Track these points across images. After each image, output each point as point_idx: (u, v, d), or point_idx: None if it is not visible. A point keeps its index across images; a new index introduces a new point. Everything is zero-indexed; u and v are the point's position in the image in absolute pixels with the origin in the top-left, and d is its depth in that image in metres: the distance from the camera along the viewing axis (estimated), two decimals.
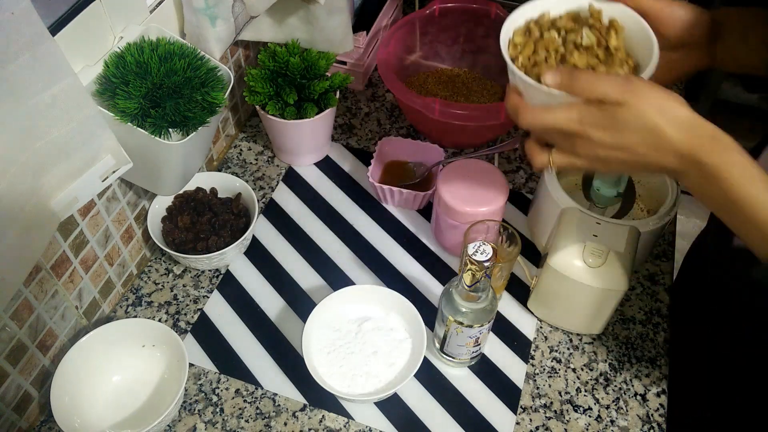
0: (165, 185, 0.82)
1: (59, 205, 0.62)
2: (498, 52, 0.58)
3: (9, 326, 0.67)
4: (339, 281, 0.88)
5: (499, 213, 0.85)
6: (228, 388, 0.79)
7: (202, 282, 0.88)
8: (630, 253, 0.73)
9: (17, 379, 0.71)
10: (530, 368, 0.81)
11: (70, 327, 0.78)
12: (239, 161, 1.03)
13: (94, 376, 0.76)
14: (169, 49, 0.72)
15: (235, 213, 0.89)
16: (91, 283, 0.80)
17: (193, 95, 0.72)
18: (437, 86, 1.11)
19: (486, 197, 0.83)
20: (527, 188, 1.00)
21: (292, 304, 0.86)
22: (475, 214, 0.82)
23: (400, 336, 0.79)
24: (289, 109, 0.91)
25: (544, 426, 0.76)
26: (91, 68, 0.69)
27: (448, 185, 0.84)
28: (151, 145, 0.70)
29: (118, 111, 0.68)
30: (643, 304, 0.87)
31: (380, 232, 0.94)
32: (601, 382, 0.80)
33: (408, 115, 1.02)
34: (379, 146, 0.97)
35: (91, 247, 0.77)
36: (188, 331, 0.84)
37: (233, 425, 0.76)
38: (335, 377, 0.76)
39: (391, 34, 1.03)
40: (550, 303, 0.81)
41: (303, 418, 0.76)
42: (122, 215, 0.82)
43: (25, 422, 0.74)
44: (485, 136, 1.01)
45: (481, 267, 0.65)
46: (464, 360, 0.79)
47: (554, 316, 0.83)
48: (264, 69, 0.92)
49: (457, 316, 0.71)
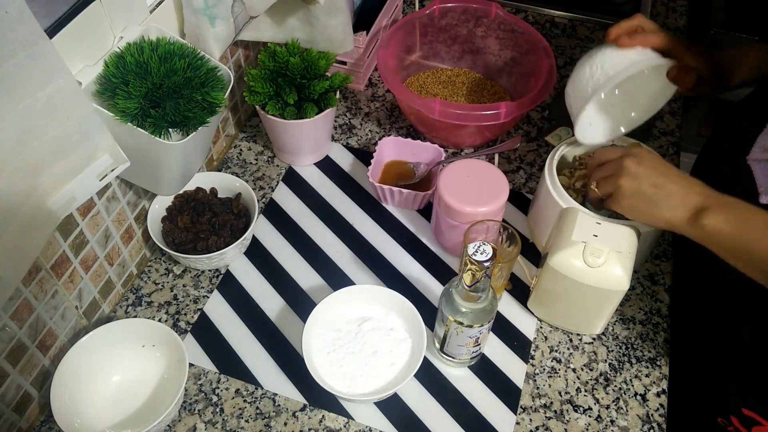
0: (165, 185, 0.82)
1: (57, 204, 0.62)
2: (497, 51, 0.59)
3: (9, 326, 0.67)
4: (339, 281, 0.88)
5: (499, 213, 0.85)
6: (228, 388, 0.79)
7: (202, 282, 0.88)
8: (630, 253, 0.73)
9: (17, 379, 0.71)
10: (530, 368, 0.81)
11: (70, 327, 0.78)
12: (239, 161, 1.03)
13: (94, 376, 0.76)
14: (169, 49, 0.72)
15: (235, 213, 0.89)
16: (91, 283, 0.80)
17: (193, 95, 0.72)
18: (437, 86, 1.11)
19: (486, 197, 0.83)
20: (527, 188, 1.00)
21: (292, 304, 0.86)
22: (475, 214, 0.82)
23: (400, 336, 0.79)
24: (289, 109, 0.91)
25: (544, 426, 0.76)
26: (91, 68, 0.69)
27: (448, 185, 0.84)
28: (151, 145, 0.70)
29: (118, 111, 0.68)
30: (643, 304, 0.87)
31: (380, 232, 0.94)
32: (601, 382, 0.80)
33: (408, 115, 1.02)
34: (379, 146, 0.97)
35: (91, 247, 0.77)
36: (188, 331, 0.84)
37: (233, 425, 0.76)
38: (335, 377, 0.76)
39: (391, 34, 1.03)
40: (550, 303, 0.81)
41: (303, 418, 0.76)
42: (122, 215, 0.82)
43: (25, 422, 0.74)
44: (485, 136, 1.01)
45: (481, 267, 0.65)
46: (464, 360, 0.79)
47: (554, 316, 0.83)
48: (264, 69, 0.92)
49: (457, 316, 0.71)
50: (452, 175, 0.85)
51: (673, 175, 0.68)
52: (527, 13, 1.29)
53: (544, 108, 1.12)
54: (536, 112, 1.11)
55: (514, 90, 1.09)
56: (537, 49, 1.01)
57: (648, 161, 0.69)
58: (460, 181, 0.84)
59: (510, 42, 1.07)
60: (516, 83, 1.08)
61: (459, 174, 0.85)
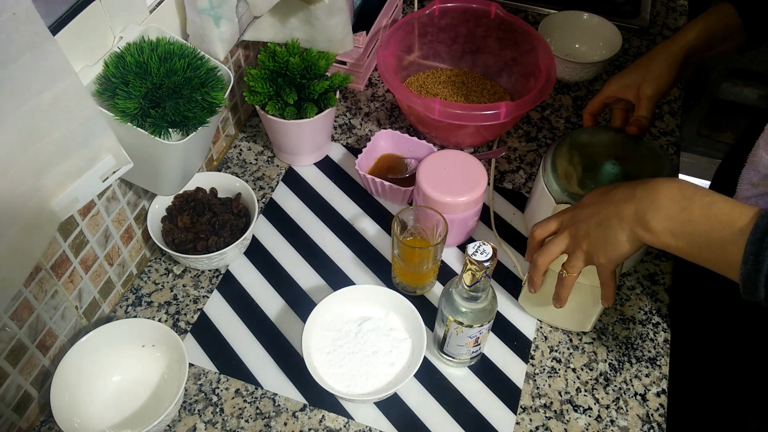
0: (165, 185, 0.82)
1: (60, 205, 0.62)
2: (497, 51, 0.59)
3: (9, 326, 0.67)
4: (339, 281, 0.88)
5: (479, 202, 0.86)
6: (228, 388, 0.79)
7: (202, 282, 0.88)
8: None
9: (17, 379, 0.71)
10: (530, 368, 0.81)
11: (70, 327, 0.78)
12: (239, 161, 1.03)
13: (94, 376, 0.76)
14: (168, 49, 0.72)
15: (235, 213, 0.89)
16: (91, 283, 0.80)
17: (193, 95, 0.72)
18: (437, 86, 1.11)
19: (465, 187, 0.84)
20: (527, 188, 1.00)
21: (292, 304, 0.86)
22: (455, 204, 0.83)
23: (400, 336, 0.79)
24: (289, 109, 0.91)
25: (544, 426, 0.76)
26: (91, 68, 0.69)
27: (427, 176, 0.85)
28: (151, 145, 0.70)
29: (118, 111, 0.68)
30: (643, 304, 0.87)
31: (380, 232, 0.94)
32: (601, 382, 0.80)
33: (408, 115, 1.02)
34: (375, 137, 0.98)
35: (91, 247, 0.77)
36: (188, 331, 0.84)
37: (233, 425, 0.76)
38: (335, 377, 0.76)
39: (391, 34, 1.03)
40: (541, 299, 0.81)
41: (303, 418, 0.76)
42: (122, 215, 0.82)
43: (25, 422, 0.74)
44: (485, 136, 1.01)
45: (481, 267, 0.65)
46: (464, 360, 0.79)
47: (544, 312, 0.83)
48: (264, 69, 0.92)
49: (457, 316, 0.72)
50: (431, 166, 0.86)
51: (610, 197, 0.64)
52: (527, 13, 1.29)
53: (544, 108, 1.12)
54: (536, 112, 1.11)
55: (514, 90, 1.09)
56: (537, 49, 1.01)
57: (581, 203, 0.68)
58: (438, 171, 0.85)
59: (510, 42, 1.07)
60: (516, 83, 1.08)
61: (438, 165, 0.86)
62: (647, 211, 0.59)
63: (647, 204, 0.60)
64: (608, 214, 0.63)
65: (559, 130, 1.08)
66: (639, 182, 0.63)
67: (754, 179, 0.67)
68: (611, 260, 0.64)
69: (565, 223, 0.69)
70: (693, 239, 0.57)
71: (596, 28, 1.17)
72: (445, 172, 0.85)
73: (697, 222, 0.56)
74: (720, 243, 0.55)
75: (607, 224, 0.63)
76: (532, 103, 0.93)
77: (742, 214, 0.54)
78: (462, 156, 0.88)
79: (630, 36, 1.24)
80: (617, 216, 0.62)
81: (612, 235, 0.63)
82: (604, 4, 1.27)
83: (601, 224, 0.64)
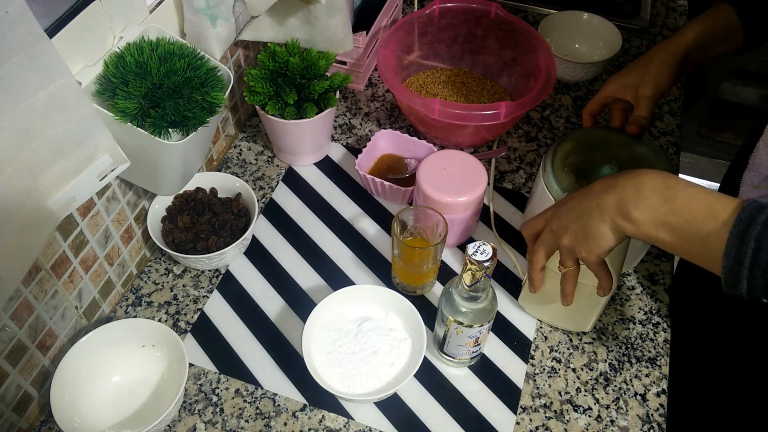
0: (165, 185, 0.82)
1: (57, 204, 0.62)
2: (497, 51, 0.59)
3: (9, 326, 0.67)
4: (339, 281, 0.88)
5: (479, 202, 0.86)
6: (228, 388, 0.79)
7: (202, 282, 0.88)
8: (619, 251, 0.73)
9: (17, 379, 0.71)
10: (530, 368, 0.81)
11: (69, 327, 0.78)
12: (239, 161, 1.03)
13: (94, 376, 0.76)
14: (168, 49, 0.72)
15: (235, 213, 0.89)
16: (91, 283, 0.80)
17: (193, 95, 0.72)
18: (437, 86, 1.11)
19: (465, 187, 0.84)
20: (527, 188, 1.00)
21: (292, 304, 0.86)
22: (455, 204, 0.82)
23: (400, 336, 0.79)
24: (289, 109, 0.91)
25: (544, 426, 0.76)
26: (91, 68, 0.69)
27: (427, 176, 0.85)
28: (150, 145, 0.70)
29: (117, 111, 0.68)
30: (643, 304, 0.87)
31: (380, 232, 0.94)
32: (601, 382, 0.80)
33: (408, 115, 1.02)
34: (375, 137, 0.98)
35: (90, 247, 0.77)
36: (188, 331, 0.84)
37: (233, 425, 0.76)
38: (335, 377, 0.76)
39: (391, 34, 1.03)
40: (541, 299, 0.81)
41: (303, 418, 0.76)
42: (122, 215, 0.82)
43: (25, 422, 0.74)
44: (485, 136, 1.01)
45: (481, 267, 0.65)
46: (464, 360, 0.79)
47: (544, 312, 0.83)
48: (264, 69, 0.92)
49: (457, 316, 0.71)
50: (431, 166, 0.86)
51: (590, 189, 0.63)
52: (527, 13, 1.29)
53: (544, 108, 1.12)
54: (536, 112, 1.11)
55: (514, 90, 1.09)
56: (537, 49, 1.01)
57: (563, 199, 0.67)
58: (438, 171, 0.85)
59: (510, 42, 1.07)
60: (516, 83, 1.08)
61: (438, 165, 0.86)
62: (629, 201, 0.58)
63: (629, 194, 0.58)
64: (589, 206, 0.62)
65: (559, 130, 1.08)
66: (621, 173, 0.61)
67: (755, 181, 0.67)
68: (593, 253, 0.63)
69: (549, 219, 0.68)
70: (675, 231, 0.56)
71: (596, 28, 1.17)
72: (445, 172, 0.85)
73: (679, 213, 0.55)
74: (702, 235, 0.54)
75: (588, 216, 0.62)
76: (532, 103, 0.93)
77: (725, 206, 0.53)
78: (462, 156, 0.88)
79: (630, 36, 1.24)
80: (598, 207, 0.61)
81: (593, 227, 0.62)
82: (604, 4, 1.27)
83: (581, 217, 0.63)
